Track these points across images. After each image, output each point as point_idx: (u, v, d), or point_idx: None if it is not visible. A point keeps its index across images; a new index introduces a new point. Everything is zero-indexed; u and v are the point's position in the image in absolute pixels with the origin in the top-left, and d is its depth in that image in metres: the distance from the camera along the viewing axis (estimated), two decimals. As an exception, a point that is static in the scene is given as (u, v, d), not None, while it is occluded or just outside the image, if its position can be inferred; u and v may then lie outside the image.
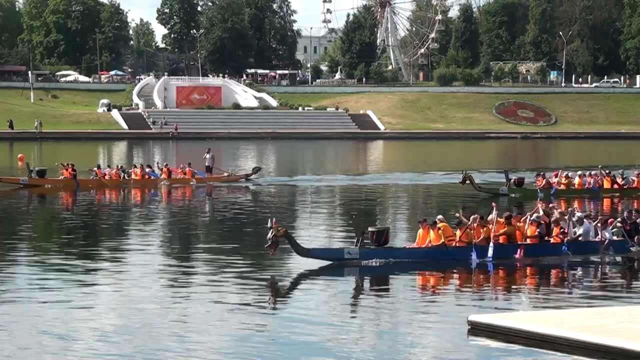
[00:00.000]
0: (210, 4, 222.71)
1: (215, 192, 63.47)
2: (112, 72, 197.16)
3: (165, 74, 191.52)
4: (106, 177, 64.40)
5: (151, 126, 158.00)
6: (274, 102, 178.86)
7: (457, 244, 32.21)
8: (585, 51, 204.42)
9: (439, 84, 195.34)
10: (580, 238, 32.85)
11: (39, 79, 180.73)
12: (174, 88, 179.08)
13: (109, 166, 68.58)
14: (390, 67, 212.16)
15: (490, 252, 31.74)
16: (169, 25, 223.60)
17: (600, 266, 33.30)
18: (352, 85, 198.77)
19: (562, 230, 33.17)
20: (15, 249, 37.83)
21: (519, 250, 32.06)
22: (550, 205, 44.59)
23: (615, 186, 54.80)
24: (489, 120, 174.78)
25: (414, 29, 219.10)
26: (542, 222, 33.19)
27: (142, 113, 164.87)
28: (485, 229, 32.61)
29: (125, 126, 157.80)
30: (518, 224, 33.33)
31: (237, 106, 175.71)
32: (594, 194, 55.17)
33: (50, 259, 35.42)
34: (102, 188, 63.37)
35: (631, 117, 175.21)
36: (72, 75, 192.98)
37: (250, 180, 69.66)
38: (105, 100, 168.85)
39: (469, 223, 32.98)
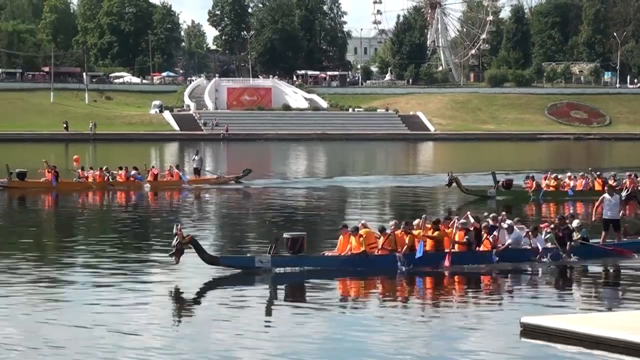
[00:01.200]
0: (260, 5, 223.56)
1: (202, 194, 63.54)
2: (164, 74, 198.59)
3: (216, 75, 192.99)
4: (89, 179, 64.06)
5: (202, 127, 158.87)
6: (324, 104, 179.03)
7: (380, 252, 31.03)
8: None
9: (489, 85, 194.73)
10: (510, 246, 31.93)
11: (93, 80, 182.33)
12: (224, 89, 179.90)
13: (91, 168, 67.39)
14: (440, 68, 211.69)
15: (418, 254, 30.49)
16: (219, 27, 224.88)
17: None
18: (402, 86, 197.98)
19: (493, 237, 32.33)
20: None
21: (446, 257, 31.01)
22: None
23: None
24: (541, 122, 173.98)
25: (464, 29, 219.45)
26: (471, 228, 32.35)
27: (194, 114, 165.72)
28: (410, 235, 31.42)
29: (176, 127, 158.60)
30: (447, 229, 32.22)
31: (287, 107, 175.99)
32: (583, 196, 54.11)
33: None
34: (85, 190, 62.92)
35: None
36: (125, 76, 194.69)
37: (240, 182, 69.50)
38: (157, 102, 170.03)
39: (391, 229, 31.81)
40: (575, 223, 33.09)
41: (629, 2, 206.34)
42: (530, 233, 32.34)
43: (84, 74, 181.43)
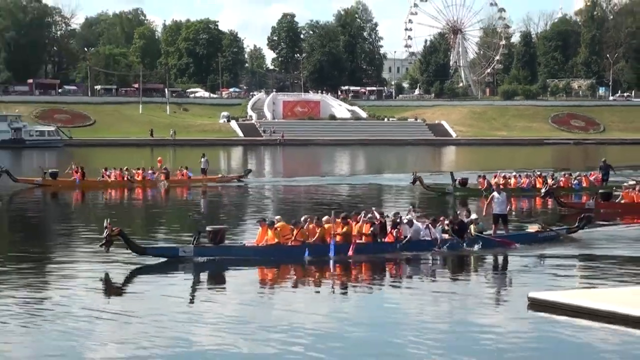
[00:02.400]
0: (311, 32, 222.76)
1: (209, 191, 61.26)
2: (231, 89, 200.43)
3: (274, 90, 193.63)
4: (111, 178, 63.58)
5: (262, 134, 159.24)
6: (363, 114, 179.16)
7: (292, 243, 30.22)
8: (630, 70, 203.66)
9: (502, 98, 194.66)
10: (411, 237, 30.95)
11: (173, 95, 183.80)
12: (281, 102, 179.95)
13: (114, 168, 66.12)
14: (461, 84, 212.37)
15: (331, 253, 29.65)
16: (277, 50, 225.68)
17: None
18: (428, 99, 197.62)
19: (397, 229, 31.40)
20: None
21: (350, 247, 30.05)
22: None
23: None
24: (545, 129, 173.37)
25: (481, 52, 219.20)
26: (376, 222, 31.36)
27: (255, 123, 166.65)
28: (320, 229, 30.51)
29: (241, 134, 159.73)
30: (354, 223, 31.22)
31: (332, 117, 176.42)
32: (527, 192, 53.74)
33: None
34: (106, 188, 61.71)
35: None
36: (199, 92, 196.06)
37: (242, 181, 68.08)
38: (225, 113, 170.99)
39: (302, 224, 30.84)
40: (473, 216, 32.67)
41: (620, 28, 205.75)
42: (429, 225, 31.59)
43: (166, 89, 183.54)
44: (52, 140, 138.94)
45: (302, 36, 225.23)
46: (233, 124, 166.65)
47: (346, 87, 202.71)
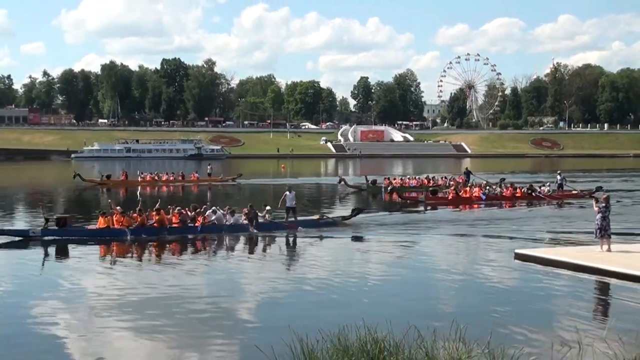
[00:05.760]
0: (378, 88, 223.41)
1: (213, 189, 56.31)
2: (328, 123, 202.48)
3: (355, 124, 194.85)
4: (147, 179, 60.62)
5: (347, 151, 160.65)
6: (411, 138, 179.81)
7: (118, 226, 27.09)
8: (578, 111, 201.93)
9: (500, 129, 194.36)
10: (216, 222, 28.38)
11: (291, 127, 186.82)
12: (359, 131, 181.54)
13: (150, 173, 63.86)
14: (474, 120, 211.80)
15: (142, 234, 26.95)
16: (356, 99, 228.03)
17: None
18: (453, 129, 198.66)
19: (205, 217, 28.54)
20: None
21: (166, 231, 27.37)
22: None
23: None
24: (527, 148, 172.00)
25: (486, 99, 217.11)
26: (185, 211, 28.68)
27: (343, 144, 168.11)
28: (140, 217, 27.50)
29: (333, 151, 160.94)
30: (166, 215, 28.14)
31: (391, 140, 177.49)
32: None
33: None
34: (145, 186, 58.03)
35: (603, 145, 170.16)
36: (307, 125, 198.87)
37: (235, 181, 63.66)
38: (324, 138, 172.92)
39: (129, 214, 27.84)
40: (267, 208, 30.06)
41: (572, 84, 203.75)
42: (228, 214, 28.85)
43: (287, 123, 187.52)
44: (218, 155, 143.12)
45: (372, 90, 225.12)
46: (329, 144, 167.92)
47: (400, 122, 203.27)
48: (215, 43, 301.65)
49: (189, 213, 28.64)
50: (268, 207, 30.03)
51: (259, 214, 29.20)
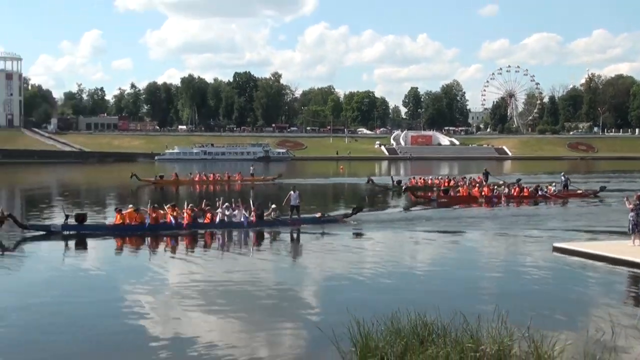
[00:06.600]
0: (427, 97, 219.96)
1: (243, 187, 54.26)
2: (381, 129, 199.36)
3: (406, 129, 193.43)
4: (195, 178, 60.30)
5: (399, 154, 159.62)
6: (457, 142, 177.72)
7: (134, 223, 26.57)
8: (611, 117, 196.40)
9: (538, 133, 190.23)
10: (226, 219, 27.58)
11: (349, 132, 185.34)
12: (410, 136, 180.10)
13: (198, 172, 63.34)
14: (514, 125, 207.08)
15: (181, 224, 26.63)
16: (407, 107, 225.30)
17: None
18: (495, 134, 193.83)
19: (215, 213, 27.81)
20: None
21: (183, 225, 26.83)
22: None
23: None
24: (563, 150, 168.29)
25: (526, 106, 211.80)
26: (196, 209, 27.84)
27: (395, 148, 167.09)
28: (155, 214, 27.01)
29: (386, 153, 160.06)
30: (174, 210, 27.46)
31: (439, 144, 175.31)
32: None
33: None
34: (194, 185, 57.61)
35: (635, 148, 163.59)
36: (363, 130, 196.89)
37: (275, 181, 61.47)
38: (378, 142, 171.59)
39: (147, 211, 27.22)
40: (273, 206, 29.21)
41: (606, 93, 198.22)
42: (237, 211, 28.05)
43: (345, 129, 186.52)
44: (284, 157, 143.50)
45: (421, 99, 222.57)
46: (382, 148, 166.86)
47: (447, 127, 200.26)
48: (282, 58, 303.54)
49: (203, 210, 28.29)
50: (274, 206, 29.40)
51: (265, 211, 28.84)
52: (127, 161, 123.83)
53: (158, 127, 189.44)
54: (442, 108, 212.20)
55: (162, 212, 27.54)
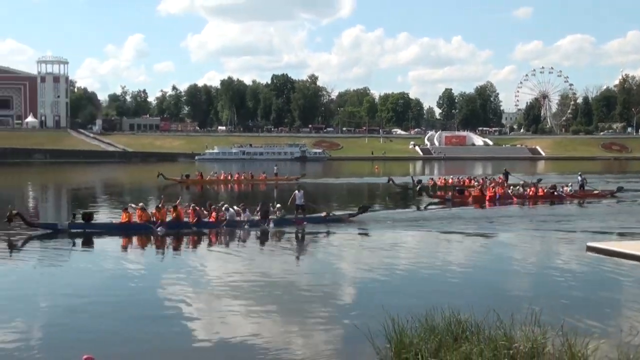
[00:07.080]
0: (461, 98, 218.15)
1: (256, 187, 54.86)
2: (416, 129, 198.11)
3: (440, 130, 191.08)
4: (220, 178, 60.21)
5: (433, 154, 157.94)
6: (490, 143, 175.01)
7: (140, 221, 26.46)
8: None
9: (572, 134, 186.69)
10: (229, 218, 27.37)
11: (384, 132, 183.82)
12: (444, 136, 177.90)
13: (223, 172, 63.49)
14: (548, 126, 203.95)
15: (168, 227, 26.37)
16: (441, 108, 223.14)
17: None
18: (528, 135, 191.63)
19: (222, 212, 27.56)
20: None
21: (185, 225, 26.79)
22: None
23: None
24: (597, 151, 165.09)
25: (559, 107, 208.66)
26: (198, 208, 27.62)
27: (429, 148, 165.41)
28: (161, 212, 26.86)
29: (420, 154, 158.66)
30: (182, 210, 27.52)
31: (472, 144, 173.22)
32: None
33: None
34: (219, 184, 57.55)
35: None
36: (398, 130, 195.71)
37: (298, 180, 60.46)
38: (412, 142, 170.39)
39: (154, 209, 27.21)
40: (277, 206, 29.16)
41: None
42: (240, 210, 28.03)
43: (380, 130, 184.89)
44: (320, 157, 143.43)
45: (455, 100, 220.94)
46: (417, 148, 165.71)
47: (481, 128, 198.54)
48: (318, 60, 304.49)
49: (204, 211, 28.10)
50: (278, 205, 29.29)
51: (271, 210, 28.79)
52: (169, 161, 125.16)
53: (198, 128, 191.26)
54: (476, 109, 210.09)
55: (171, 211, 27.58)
